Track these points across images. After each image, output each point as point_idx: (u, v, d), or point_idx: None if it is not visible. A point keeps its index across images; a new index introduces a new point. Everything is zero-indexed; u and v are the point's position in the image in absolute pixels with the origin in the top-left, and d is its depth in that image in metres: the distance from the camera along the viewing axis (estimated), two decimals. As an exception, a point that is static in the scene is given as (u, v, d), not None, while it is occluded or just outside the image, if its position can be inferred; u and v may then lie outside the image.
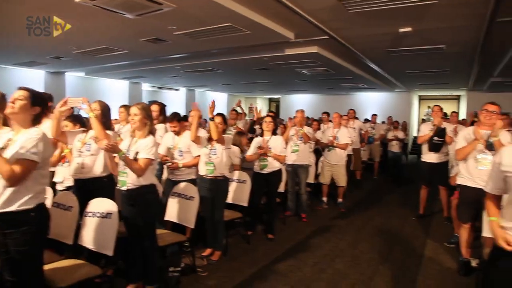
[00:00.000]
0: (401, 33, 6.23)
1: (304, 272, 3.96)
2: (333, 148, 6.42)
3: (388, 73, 10.84)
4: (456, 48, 7.32)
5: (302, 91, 16.56)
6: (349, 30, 6.27)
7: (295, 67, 9.46)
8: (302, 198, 5.79)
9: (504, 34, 6.35)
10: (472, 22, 5.62)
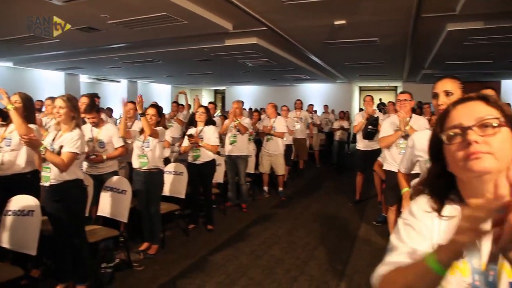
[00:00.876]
0: (336, 26, 6.43)
1: (240, 261, 4.02)
2: (271, 138, 6.55)
3: (329, 65, 11.15)
4: (388, 41, 7.67)
5: (247, 83, 16.63)
6: (286, 22, 6.37)
7: (237, 58, 9.45)
8: (242, 188, 5.85)
9: (429, 29, 6.78)
10: (400, 16, 5.92)
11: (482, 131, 0.88)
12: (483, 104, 0.93)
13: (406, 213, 1.04)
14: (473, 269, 0.88)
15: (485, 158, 0.86)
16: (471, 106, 0.94)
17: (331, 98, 15.81)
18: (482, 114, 0.90)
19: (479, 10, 5.54)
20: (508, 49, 8.05)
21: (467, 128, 0.89)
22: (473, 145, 0.86)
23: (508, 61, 9.87)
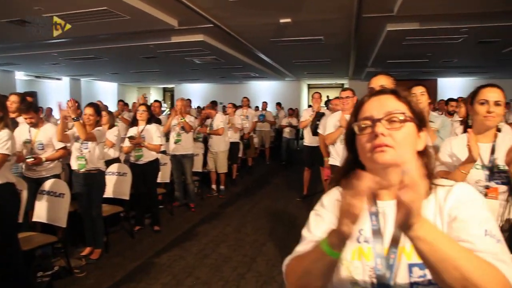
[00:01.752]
0: (282, 24, 6.51)
1: (187, 261, 3.96)
2: (211, 136, 6.56)
3: (277, 63, 11.28)
4: (333, 40, 7.89)
5: (196, 80, 16.43)
6: (233, 19, 6.35)
7: (184, 55, 9.30)
8: (189, 188, 5.77)
9: (370, 29, 7.05)
10: (342, 16, 6.11)
11: (390, 125, 0.92)
12: (394, 98, 0.98)
13: (318, 205, 1.08)
14: (376, 253, 0.93)
15: (388, 151, 0.90)
16: (382, 99, 0.98)
17: (280, 95, 16.03)
18: (391, 108, 0.94)
19: (415, 12, 5.85)
20: (442, 49, 8.57)
21: (377, 120, 0.93)
22: (380, 137, 0.90)
23: (442, 60, 10.53)
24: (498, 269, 0.75)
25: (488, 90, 1.99)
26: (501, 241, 0.82)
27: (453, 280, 0.71)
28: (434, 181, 0.97)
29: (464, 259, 0.72)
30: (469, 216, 0.86)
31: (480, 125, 2.02)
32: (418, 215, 0.70)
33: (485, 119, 1.96)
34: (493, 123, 1.97)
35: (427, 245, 0.72)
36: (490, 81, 5.19)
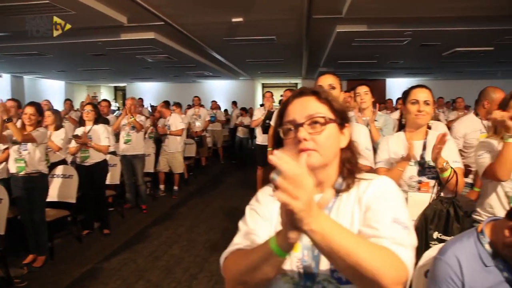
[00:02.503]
0: (234, 23, 6.50)
1: (138, 264, 3.86)
2: (167, 137, 6.44)
3: (230, 62, 11.25)
4: (285, 40, 7.98)
5: (149, 79, 16.01)
6: (184, 17, 6.26)
7: (134, 53, 9.02)
8: (140, 189, 5.63)
9: (321, 30, 7.22)
10: (293, 16, 6.20)
11: (312, 128, 0.96)
12: (315, 100, 1.00)
13: (253, 200, 1.11)
14: (303, 245, 0.97)
15: (312, 155, 0.94)
16: (304, 101, 1.00)
17: (235, 94, 16.00)
18: (312, 111, 0.98)
19: (362, 15, 6.05)
20: (389, 51, 8.95)
21: (299, 125, 0.95)
22: (302, 142, 0.94)
23: (389, 61, 10.99)
24: (394, 253, 0.80)
25: (418, 91, 2.11)
26: (408, 227, 0.88)
27: (347, 267, 0.76)
28: (357, 175, 1.01)
29: (355, 247, 0.75)
30: (380, 206, 0.91)
31: (412, 123, 2.13)
32: (309, 210, 0.71)
33: (416, 117, 2.08)
34: (423, 121, 2.09)
35: (320, 237, 0.75)
36: (432, 81, 5.46)
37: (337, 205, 0.99)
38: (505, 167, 1.91)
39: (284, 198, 0.69)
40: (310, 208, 0.72)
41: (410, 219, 0.92)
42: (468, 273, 1.39)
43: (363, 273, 0.75)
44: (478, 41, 7.91)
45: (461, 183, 1.97)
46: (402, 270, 0.80)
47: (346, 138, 1.03)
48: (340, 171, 1.02)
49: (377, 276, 0.75)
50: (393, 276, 0.77)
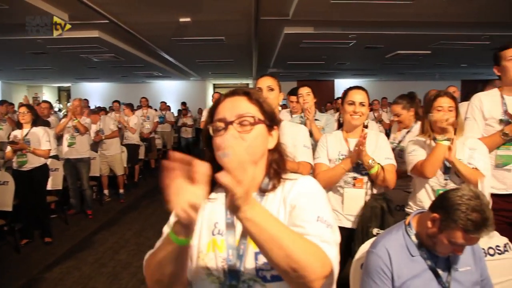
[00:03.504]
0: (182, 23, 6.43)
1: (82, 272, 3.71)
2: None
3: (180, 62, 11.10)
4: (234, 40, 8.01)
5: (95, 79, 15.39)
6: (130, 16, 6.10)
7: (78, 52, 8.65)
8: (86, 193, 5.40)
9: (269, 31, 7.32)
10: (242, 17, 6.23)
11: (241, 127, 0.98)
12: (246, 100, 1.03)
13: None
14: (228, 245, 0.99)
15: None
16: (235, 101, 1.02)
17: (186, 95, 15.80)
18: (243, 110, 1.00)
19: (308, 17, 6.21)
20: (335, 52, 9.24)
21: (229, 123, 0.97)
22: None
23: (337, 63, 11.36)
24: (321, 249, 0.84)
25: (354, 92, 2.21)
26: (332, 226, 0.92)
27: (279, 258, 0.78)
28: (283, 175, 1.04)
29: (288, 240, 0.79)
30: (305, 205, 0.95)
31: (348, 123, 2.23)
32: (246, 198, 0.74)
33: (351, 118, 2.18)
34: (358, 121, 2.19)
35: (255, 226, 0.77)
36: (377, 82, 5.66)
37: (262, 204, 1.01)
38: (433, 166, 2.05)
39: (229, 181, 0.70)
40: (248, 196, 0.74)
41: (333, 217, 0.96)
42: (396, 263, 1.47)
43: (294, 266, 0.78)
44: (417, 45, 8.39)
45: (390, 179, 2.09)
46: (328, 265, 0.84)
47: (274, 139, 1.06)
48: (266, 172, 1.05)
49: (306, 269, 0.78)
50: (320, 270, 0.81)
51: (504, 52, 2.32)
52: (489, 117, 2.38)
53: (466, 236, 1.35)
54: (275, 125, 1.06)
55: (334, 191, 2.23)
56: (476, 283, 1.55)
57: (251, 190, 0.74)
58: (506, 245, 1.99)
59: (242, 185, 0.71)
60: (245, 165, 0.72)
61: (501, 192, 2.33)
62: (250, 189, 0.74)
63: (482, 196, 1.38)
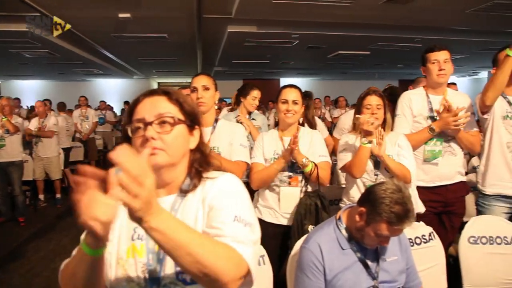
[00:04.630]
0: (121, 19, 6.19)
1: (13, 284, 3.46)
2: (40, 140, 5.84)
3: (121, 59, 10.71)
4: (177, 38, 7.85)
5: (29, 76, 14.42)
6: (64, 10, 5.76)
7: (7, 47, 8.04)
8: (18, 199, 5.04)
9: (213, 29, 7.27)
10: (184, 14, 6.12)
11: (160, 128, 0.96)
12: (165, 100, 1.01)
13: None
14: (148, 250, 0.97)
15: (159, 154, 0.94)
16: (155, 101, 1.00)
17: (129, 94, 15.25)
18: (162, 110, 0.98)
19: (251, 16, 6.25)
20: (279, 52, 9.38)
21: (148, 124, 0.95)
22: (150, 141, 0.93)
23: (281, 62, 11.54)
24: (235, 250, 0.84)
25: (287, 91, 2.24)
26: (250, 224, 0.93)
27: (189, 265, 0.78)
28: (204, 175, 1.03)
29: (197, 245, 0.78)
30: (223, 205, 0.95)
31: (283, 121, 2.27)
32: (148, 208, 0.72)
33: (285, 116, 2.21)
34: (292, 120, 2.23)
35: (160, 235, 0.75)
36: (321, 81, 5.78)
37: (182, 205, 1.00)
38: (358, 167, 2.14)
39: (123, 197, 0.69)
40: (149, 206, 0.72)
41: (253, 215, 0.96)
42: (327, 257, 1.52)
43: (204, 271, 0.77)
44: (357, 46, 8.74)
45: (324, 176, 2.15)
46: (243, 266, 0.84)
47: (196, 139, 1.05)
48: (188, 172, 1.04)
49: (218, 273, 0.78)
50: (233, 273, 0.81)
51: (429, 55, 2.47)
52: (417, 114, 2.52)
53: (390, 228, 1.42)
54: (196, 125, 1.05)
55: (270, 189, 2.25)
56: (402, 271, 1.64)
57: (153, 199, 0.73)
58: (431, 234, 2.12)
59: (139, 198, 0.70)
60: (141, 178, 0.70)
61: (428, 185, 2.47)
62: (151, 199, 0.72)
63: (405, 189, 1.45)
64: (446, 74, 2.44)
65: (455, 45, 8.05)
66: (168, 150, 0.95)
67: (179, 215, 0.98)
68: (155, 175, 0.95)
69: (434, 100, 2.51)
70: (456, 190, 2.50)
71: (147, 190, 0.70)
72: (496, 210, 2.44)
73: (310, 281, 1.52)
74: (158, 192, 1.00)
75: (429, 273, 2.06)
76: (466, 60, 10.71)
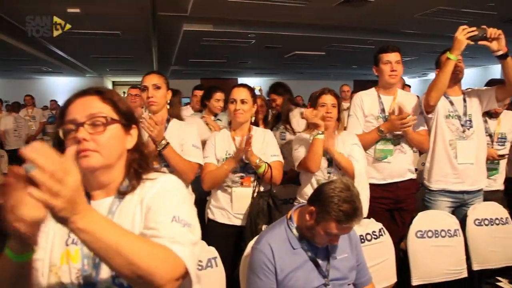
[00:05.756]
0: (71, 14, 5.92)
1: None
2: None
3: (72, 57, 10.25)
4: (131, 35, 7.60)
5: (-31, 74, 13.54)
6: (7, 2, 5.44)
7: None
8: None
9: (168, 27, 7.11)
10: (138, 11, 5.94)
11: (93, 128, 0.92)
12: (98, 99, 0.97)
13: None
14: (83, 255, 0.94)
15: (92, 156, 0.91)
16: (87, 101, 0.96)
17: (82, 93, 14.71)
18: (95, 110, 0.94)
19: (207, 14, 6.17)
20: (236, 51, 9.35)
21: (80, 125, 0.91)
22: (82, 142, 0.89)
23: (239, 61, 11.53)
24: (171, 251, 0.81)
25: (236, 90, 2.23)
26: (189, 225, 0.90)
27: (120, 266, 0.74)
28: (144, 176, 1.00)
29: (128, 246, 0.74)
30: (161, 206, 0.92)
31: (234, 121, 2.25)
32: (73, 208, 0.68)
33: (234, 115, 2.19)
34: (242, 118, 2.21)
35: (89, 236, 0.71)
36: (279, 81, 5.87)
37: (120, 208, 0.97)
38: (314, 160, 2.17)
39: (40, 196, 0.63)
40: (74, 205, 0.67)
41: (193, 216, 0.94)
42: (279, 257, 1.51)
43: (138, 273, 0.74)
44: (312, 46, 8.89)
45: (277, 176, 2.16)
46: (179, 267, 0.81)
47: (134, 139, 1.02)
48: (126, 173, 1.00)
49: (152, 274, 0.75)
50: (169, 274, 0.78)
51: (382, 55, 2.55)
52: (369, 114, 2.59)
53: (339, 226, 1.44)
54: (133, 124, 1.01)
55: (222, 190, 2.23)
56: (352, 268, 1.67)
57: (78, 199, 0.68)
58: (381, 230, 2.18)
59: (61, 197, 0.65)
60: (60, 175, 0.64)
61: (380, 182, 2.55)
62: (76, 198, 0.67)
63: (353, 187, 1.47)
64: (397, 75, 2.53)
65: (405, 47, 8.37)
66: (102, 151, 0.92)
67: (116, 218, 0.95)
68: (91, 177, 0.93)
69: (385, 100, 2.58)
70: (406, 187, 2.59)
71: (69, 188, 0.65)
72: (441, 205, 2.55)
73: (262, 282, 1.51)
74: (95, 194, 0.97)
75: (380, 268, 2.13)
76: (416, 62, 11.21)
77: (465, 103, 2.57)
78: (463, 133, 2.52)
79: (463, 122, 2.52)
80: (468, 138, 2.52)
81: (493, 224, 2.49)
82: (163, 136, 2.00)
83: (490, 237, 2.45)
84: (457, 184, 2.52)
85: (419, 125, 2.58)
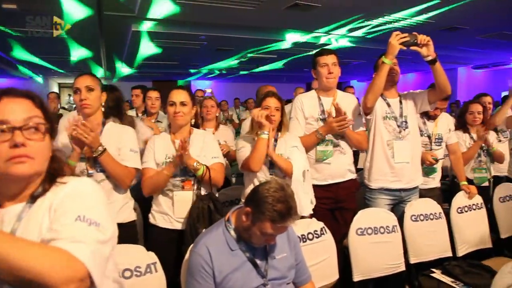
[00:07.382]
0: (7, 10, 5.58)
1: None
2: None
3: (11, 57, 9.70)
4: (78, 35, 7.32)
5: None
6: None
7: None
8: None
9: (117, 27, 6.88)
10: (86, 11, 5.73)
11: (31, 134, 0.89)
12: (31, 103, 0.93)
13: None
14: None
15: (28, 163, 0.88)
16: (20, 103, 0.92)
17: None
18: (31, 114, 0.91)
19: (156, 15, 6.05)
20: (188, 53, 9.24)
21: (16, 128, 0.87)
22: (20, 147, 0.86)
23: (191, 63, 11.41)
24: (67, 252, 0.79)
25: (175, 93, 2.18)
26: (97, 224, 0.88)
27: (5, 273, 0.72)
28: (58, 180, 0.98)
29: (12, 251, 0.72)
30: (66, 207, 0.90)
31: (173, 124, 2.22)
32: None
33: (174, 118, 2.15)
34: (181, 121, 2.17)
35: None
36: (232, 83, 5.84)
37: (29, 213, 0.93)
38: (256, 159, 2.18)
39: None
40: None
41: (104, 216, 0.92)
42: (216, 259, 1.50)
43: (25, 276, 0.72)
44: (264, 49, 8.98)
45: (217, 178, 2.15)
46: (77, 267, 0.79)
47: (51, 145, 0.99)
48: (43, 179, 0.97)
49: (43, 277, 0.73)
50: (62, 275, 0.75)
51: (319, 58, 2.61)
52: (309, 116, 2.63)
53: (274, 226, 1.45)
54: (53, 132, 0.99)
55: (163, 194, 2.17)
56: (291, 267, 1.69)
57: None
58: (322, 229, 2.23)
59: None
60: None
61: (321, 183, 2.60)
62: None
63: (287, 187, 1.49)
64: (335, 77, 2.60)
65: (355, 51, 8.77)
66: (37, 158, 0.89)
67: (23, 224, 0.91)
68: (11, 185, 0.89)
69: (325, 102, 2.64)
70: (346, 187, 2.66)
71: None
72: (380, 203, 2.66)
73: (200, 285, 1.49)
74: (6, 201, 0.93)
75: (322, 266, 2.17)
76: (364, 66, 11.66)
77: (401, 105, 2.69)
78: (399, 133, 2.63)
79: (399, 123, 2.64)
80: (404, 138, 2.64)
81: (428, 219, 2.62)
82: (99, 142, 1.91)
83: (425, 232, 2.57)
84: (394, 182, 2.63)
85: (359, 125, 2.67)
